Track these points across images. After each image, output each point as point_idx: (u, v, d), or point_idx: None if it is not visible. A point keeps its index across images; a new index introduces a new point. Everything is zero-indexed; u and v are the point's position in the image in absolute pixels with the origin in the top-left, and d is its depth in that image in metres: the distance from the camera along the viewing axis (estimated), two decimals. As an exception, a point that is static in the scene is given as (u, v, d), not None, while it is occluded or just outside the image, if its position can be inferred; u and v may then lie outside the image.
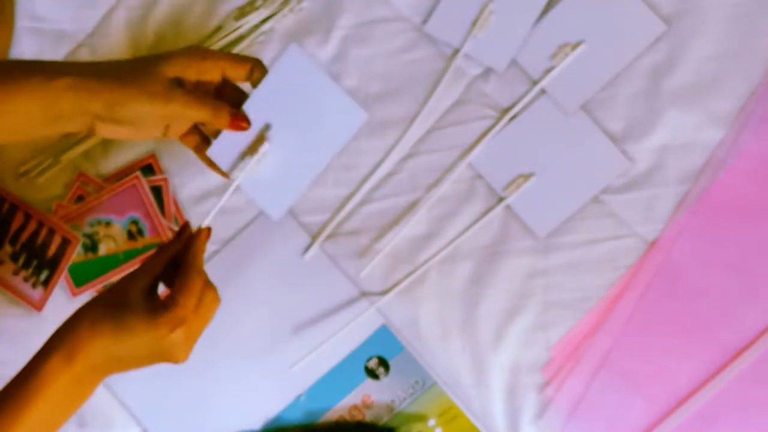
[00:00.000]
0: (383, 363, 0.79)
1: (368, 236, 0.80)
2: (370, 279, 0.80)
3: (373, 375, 0.79)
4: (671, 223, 0.77)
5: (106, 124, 0.59)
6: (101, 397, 0.80)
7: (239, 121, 0.62)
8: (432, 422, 0.78)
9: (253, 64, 0.63)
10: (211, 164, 0.66)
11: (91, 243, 0.80)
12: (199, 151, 0.67)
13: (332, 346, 0.79)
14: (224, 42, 0.82)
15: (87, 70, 0.58)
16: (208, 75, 0.61)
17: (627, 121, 0.78)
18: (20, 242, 0.80)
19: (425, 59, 0.81)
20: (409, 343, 0.79)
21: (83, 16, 0.83)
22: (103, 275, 0.80)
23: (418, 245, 0.80)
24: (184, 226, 0.65)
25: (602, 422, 0.76)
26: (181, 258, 0.62)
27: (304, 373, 0.79)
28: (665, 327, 0.76)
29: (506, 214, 0.79)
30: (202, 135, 0.67)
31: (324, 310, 0.80)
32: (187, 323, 0.59)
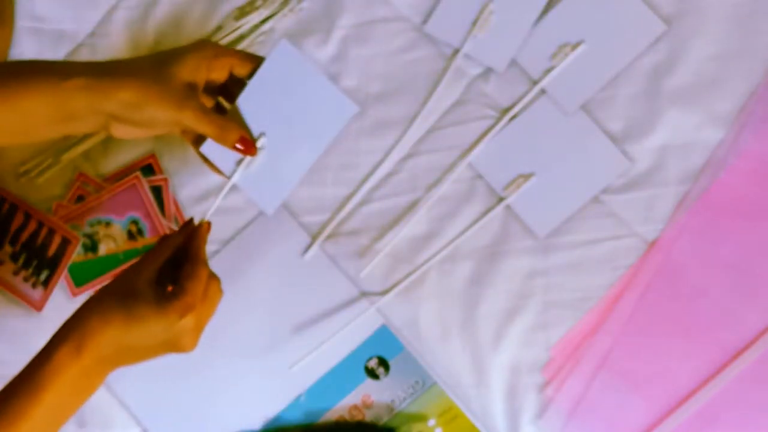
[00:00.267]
0: (383, 363, 0.79)
1: (368, 236, 0.80)
2: (370, 279, 0.80)
3: (373, 375, 0.79)
4: (671, 223, 0.77)
5: (120, 124, 0.59)
6: (101, 397, 0.80)
7: (246, 145, 0.62)
8: (432, 422, 0.78)
9: (259, 62, 0.63)
10: (207, 161, 0.66)
11: (91, 243, 0.80)
12: (197, 146, 0.67)
13: (332, 346, 0.79)
14: (224, 42, 0.82)
15: (101, 70, 0.58)
16: (217, 73, 0.61)
17: (627, 121, 0.78)
18: (20, 242, 0.80)
19: (425, 59, 0.81)
20: (409, 343, 0.79)
21: (83, 16, 0.84)
22: (103, 275, 0.80)
23: (418, 245, 0.80)
24: (189, 221, 0.65)
25: (602, 422, 0.76)
26: (186, 249, 0.62)
27: (304, 373, 0.79)
28: (665, 327, 0.76)
29: (506, 214, 0.79)
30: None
31: (324, 310, 0.80)
32: (196, 311, 0.59)
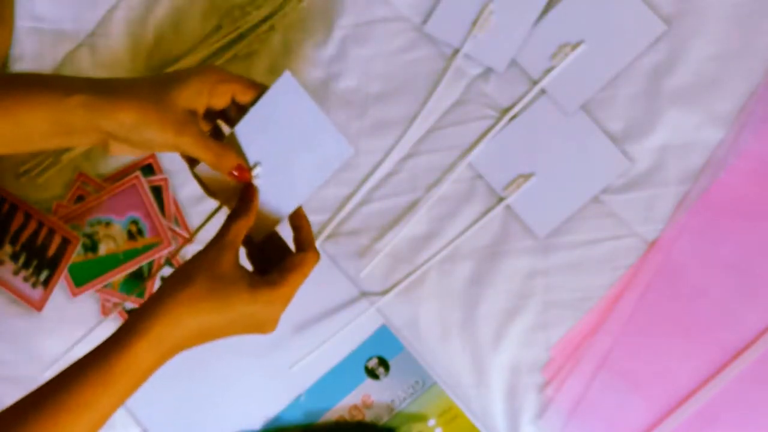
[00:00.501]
0: (383, 363, 0.79)
1: (368, 236, 0.80)
2: (370, 279, 0.80)
3: (373, 375, 0.79)
4: (671, 223, 0.77)
5: (118, 143, 0.59)
6: (101, 397, 0.80)
7: (241, 173, 0.62)
8: (432, 422, 0.78)
9: (262, 90, 0.62)
10: (201, 183, 0.65)
11: (91, 243, 0.80)
12: (193, 167, 0.66)
13: (332, 346, 0.79)
14: (224, 41, 0.82)
15: (102, 89, 0.57)
16: (218, 99, 0.60)
17: (627, 121, 0.78)
18: (20, 242, 0.80)
19: (425, 59, 0.81)
20: (409, 343, 0.79)
21: (83, 16, 0.84)
22: (102, 275, 0.80)
23: (418, 245, 0.80)
24: (250, 190, 0.63)
25: (602, 422, 0.76)
26: (296, 237, 0.64)
27: (304, 373, 0.79)
28: (665, 327, 0.76)
29: (506, 214, 0.79)
30: None
31: (324, 310, 0.80)
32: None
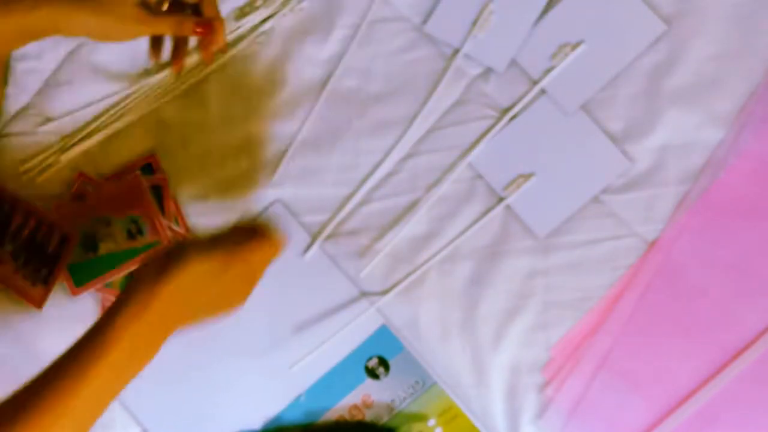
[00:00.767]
0: (383, 363, 0.79)
1: (368, 236, 0.80)
2: (370, 279, 0.80)
3: (373, 375, 0.79)
4: (671, 223, 0.77)
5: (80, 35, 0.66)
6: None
7: (204, 26, 0.70)
8: (432, 422, 0.78)
9: None
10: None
11: (91, 242, 0.80)
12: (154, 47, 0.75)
13: (332, 346, 0.79)
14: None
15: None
16: None
17: (627, 121, 0.78)
18: (20, 240, 0.80)
19: (425, 59, 0.81)
20: (409, 343, 0.79)
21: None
22: (103, 275, 0.80)
23: (418, 245, 0.80)
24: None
25: (602, 422, 0.76)
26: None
27: (304, 373, 0.79)
28: (665, 327, 0.76)
29: (506, 214, 0.79)
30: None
31: (324, 310, 0.80)
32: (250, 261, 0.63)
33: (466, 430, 0.78)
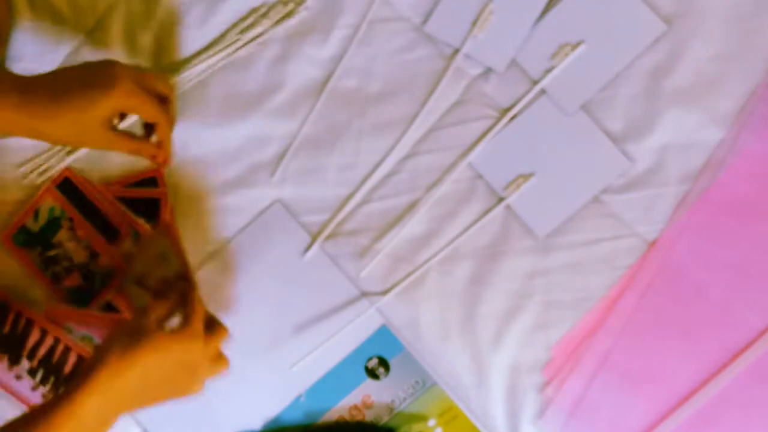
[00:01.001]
0: (383, 363, 0.79)
1: (368, 236, 0.80)
2: (370, 279, 0.80)
3: (373, 375, 0.79)
4: (671, 223, 0.77)
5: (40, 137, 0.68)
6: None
7: (159, 154, 0.74)
8: (432, 422, 0.78)
9: (157, 119, 0.71)
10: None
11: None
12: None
13: (332, 346, 0.79)
14: (227, 51, 0.82)
15: (30, 90, 0.65)
16: (131, 111, 0.71)
17: (627, 121, 0.78)
18: (37, 358, 0.80)
19: (425, 59, 0.81)
20: (409, 343, 0.79)
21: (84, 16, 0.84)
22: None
23: (418, 245, 0.80)
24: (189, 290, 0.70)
25: (602, 422, 0.76)
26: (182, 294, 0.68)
27: (304, 373, 0.79)
28: (665, 327, 0.76)
29: (506, 214, 0.79)
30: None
31: (324, 310, 0.80)
32: (202, 342, 0.65)
33: (466, 430, 0.78)
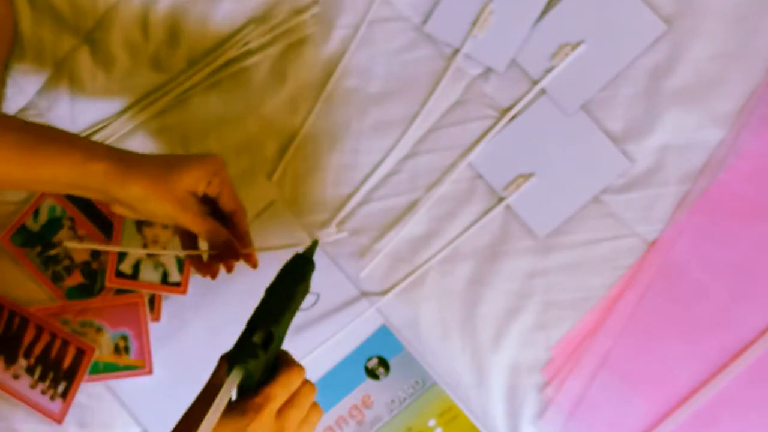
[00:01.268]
0: (383, 363, 0.79)
1: (368, 236, 0.80)
2: (370, 279, 0.80)
3: (373, 375, 0.79)
4: (671, 223, 0.77)
5: (123, 208, 0.65)
6: (102, 398, 0.80)
7: (231, 252, 0.69)
8: (432, 422, 0.78)
9: (239, 206, 0.70)
10: (193, 263, 0.73)
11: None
12: (184, 244, 0.72)
13: (332, 346, 0.79)
14: (226, 57, 0.82)
15: (119, 159, 0.63)
16: (212, 189, 0.67)
17: (627, 121, 0.78)
18: (34, 355, 0.80)
19: (425, 59, 0.81)
20: (409, 343, 0.79)
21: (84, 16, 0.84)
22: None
23: (418, 245, 0.80)
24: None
25: (602, 422, 0.76)
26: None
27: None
28: (665, 327, 0.76)
29: (506, 214, 0.79)
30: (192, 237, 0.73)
31: (324, 310, 0.80)
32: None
33: (466, 430, 0.78)
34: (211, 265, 0.72)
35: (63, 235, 0.81)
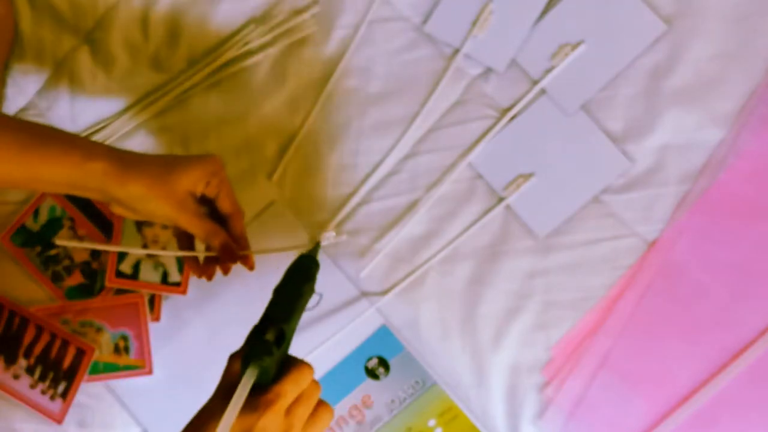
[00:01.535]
0: (383, 363, 0.79)
1: (368, 236, 0.80)
2: (370, 279, 0.80)
3: (373, 375, 0.79)
4: (671, 223, 0.77)
5: (122, 208, 0.65)
6: (102, 398, 0.80)
7: (228, 254, 0.69)
8: (432, 422, 0.78)
9: (237, 208, 0.70)
10: (189, 262, 0.73)
11: None
12: (181, 244, 0.72)
13: (332, 346, 0.79)
14: (226, 58, 0.82)
15: (119, 159, 0.63)
16: (210, 190, 0.68)
17: (627, 121, 0.78)
18: (34, 355, 0.80)
19: (425, 59, 0.81)
20: (409, 343, 0.79)
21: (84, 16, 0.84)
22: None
23: (418, 245, 0.80)
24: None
25: (602, 422, 0.76)
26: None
27: (304, 373, 0.79)
28: (665, 327, 0.76)
29: (506, 214, 0.79)
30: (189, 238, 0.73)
31: (324, 310, 0.80)
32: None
33: (466, 430, 0.78)
34: (207, 266, 0.72)
35: (63, 235, 0.81)
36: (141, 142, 0.82)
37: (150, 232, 0.81)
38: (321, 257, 0.80)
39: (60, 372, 0.79)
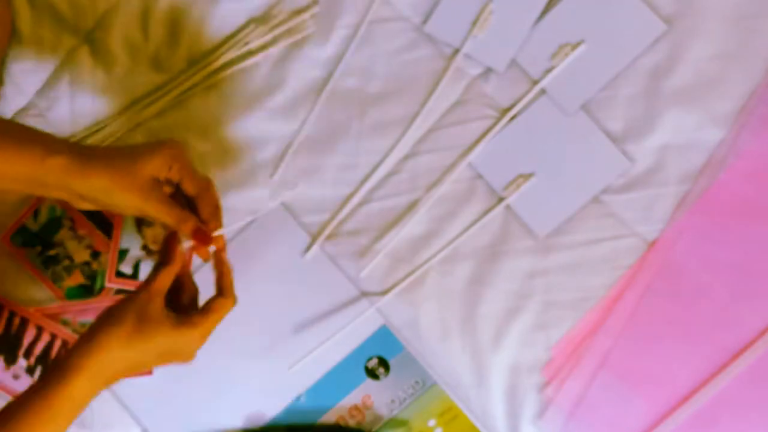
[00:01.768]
0: (383, 363, 0.79)
1: (368, 236, 0.80)
2: (370, 279, 0.80)
3: (373, 375, 0.79)
4: (671, 223, 0.77)
5: (85, 202, 0.64)
6: (102, 398, 0.80)
7: (200, 235, 0.68)
8: (432, 422, 0.78)
9: (203, 188, 0.68)
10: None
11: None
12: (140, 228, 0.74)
13: (332, 346, 0.79)
14: (226, 59, 0.82)
15: (80, 153, 0.62)
16: (173, 176, 0.67)
17: (627, 121, 0.78)
18: (34, 355, 0.80)
19: (425, 59, 0.81)
20: (409, 343, 0.79)
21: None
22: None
23: (418, 245, 0.80)
24: (172, 240, 0.68)
25: (602, 422, 0.76)
26: (217, 280, 0.69)
27: (304, 373, 0.79)
28: (665, 327, 0.76)
29: (506, 214, 0.79)
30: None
31: (324, 310, 0.80)
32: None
33: (466, 430, 0.78)
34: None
35: (63, 234, 0.81)
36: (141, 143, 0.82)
37: (150, 232, 0.81)
38: (321, 257, 0.80)
39: None
